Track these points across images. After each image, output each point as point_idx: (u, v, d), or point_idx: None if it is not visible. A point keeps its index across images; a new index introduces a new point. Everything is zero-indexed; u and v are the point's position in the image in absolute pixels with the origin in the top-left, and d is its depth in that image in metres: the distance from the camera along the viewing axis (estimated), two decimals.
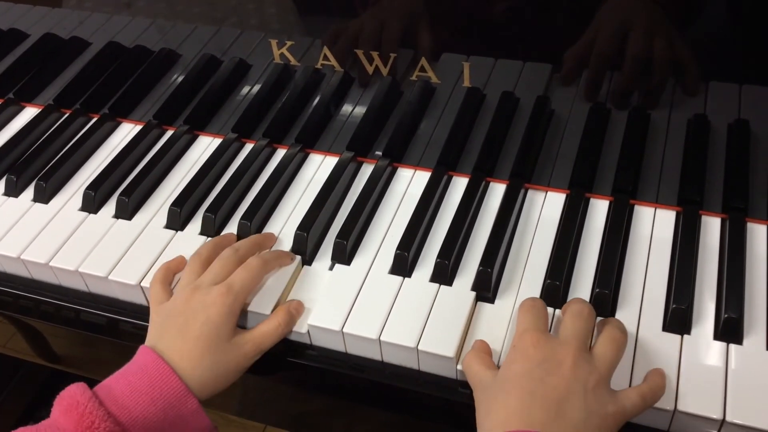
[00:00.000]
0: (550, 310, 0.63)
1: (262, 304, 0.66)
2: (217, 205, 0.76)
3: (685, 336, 0.61)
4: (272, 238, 0.73)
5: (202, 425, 0.61)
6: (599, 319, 0.62)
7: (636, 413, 0.55)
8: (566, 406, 0.52)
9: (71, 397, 0.57)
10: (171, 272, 0.69)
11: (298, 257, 0.70)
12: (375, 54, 0.76)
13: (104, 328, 0.74)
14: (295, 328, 0.65)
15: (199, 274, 0.67)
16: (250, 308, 0.66)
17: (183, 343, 0.62)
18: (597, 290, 0.64)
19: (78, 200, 0.80)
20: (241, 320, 0.67)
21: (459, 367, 0.61)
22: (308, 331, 0.66)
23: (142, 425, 0.57)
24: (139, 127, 0.89)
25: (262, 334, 0.64)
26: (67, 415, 0.56)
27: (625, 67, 0.69)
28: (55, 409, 0.57)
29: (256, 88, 0.87)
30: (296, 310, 0.66)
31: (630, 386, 0.58)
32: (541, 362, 0.55)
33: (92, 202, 0.79)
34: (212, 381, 0.61)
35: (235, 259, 0.68)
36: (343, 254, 0.70)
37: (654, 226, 0.70)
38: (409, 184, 0.78)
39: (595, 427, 0.52)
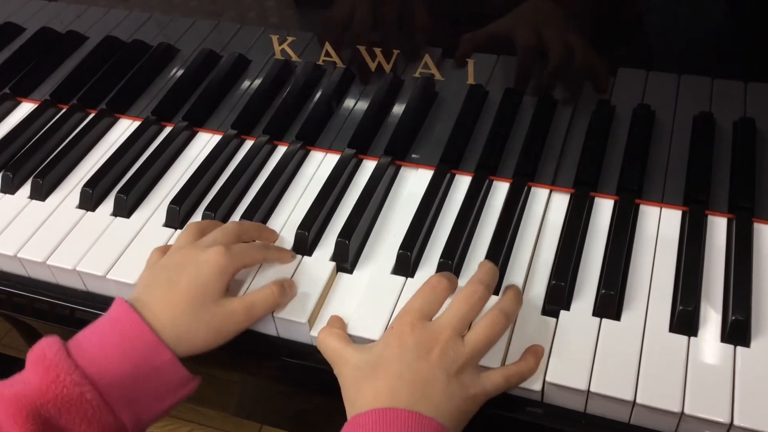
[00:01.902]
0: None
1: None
2: (217, 203, 0.75)
3: (692, 338, 0.60)
4: (274, 233, 0.72)
5: (179, 376, 0.60)
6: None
7: (499, 392, 0.58)
8: (429, 390, 0.55)
9: (39, 350, 0.56)
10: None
11: (299, 256, 0.69)
12: (377, 50, 0.75)
13: None
14: (295, 318, 0.65)
15: (194, 237, 0.66)
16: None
17: (167, 295, 0.61)
18: (603, 291, 0.63)
19: (75, 197, 0.79)
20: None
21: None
22: (309, 330, 0.65)
23: (111, 377, 0.56)
24: (137, 123, 0.88)
25: (254, 297, 0.63)
26: (35, 368, 0.56)
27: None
28: (26, 364, 0.57)
29: (256, 83, 0.86)
30: (289, 287, 0.65)
31: (634, 385, 0.57)
32: (413, 348, 0.57)
33: (90, 200, 0.78)
34: (190, 337, 0.60)
35: (236, 230, 0.67)
36: (345, 254, 0.69)
37: (660, 226, 0.70)
38: (411, 182, 0.77)
39: (455, 407, 0.56)
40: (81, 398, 0.55)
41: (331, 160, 0.80)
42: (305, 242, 0.70)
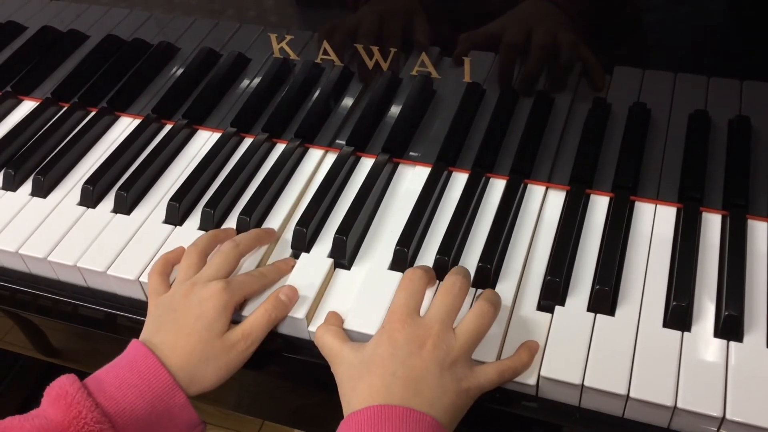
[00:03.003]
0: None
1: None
2: (216, 199, 0.76)
3: (686, 333, 0.61)
4: (273, 233, 0.73)
5: (190, 420, 0.61)
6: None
7: (493, 387, 0.59)
8: (423, 385, 0.56)
9: (60, 387, 0.57)
10: (169, 264, 0.69)
11: (294, 260, 0.70)
12: (375, 48, 0.76)
13: (102, 323, 0.74)
14: (294, 314, 0.65)
15: (196, 267, 0.67)
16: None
17: (176, 338, 0.62)
18: (597, 287, 0.63)
19: (76, 195, 0.80)
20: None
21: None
22: (309, 329, 0.65)
23: (129, 416, 0.57)
24: (137, 121, 0.89)
25: (250, 323, 0.64)
26: (56, 405, 0.56)
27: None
28: (45, 400, 0.58)
29: (256, 82, 0.86)
30: (287, 296, 0.66)
31: (628, 380, 0.58)
32: (404, 345, 0.58)
33: (90, 197, 0.78)
34: (202, 377, 0.62)
35: (236, 253, 0.68)
36: (343, 250, 0.70)
37: (654, 223, 0.70)
38: (409, 179, 0.78)
39: (449, 402, 0.57)
40: None
41: (330, 157, 0.81)
42: (303, 239, 0.71)
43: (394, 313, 0.61)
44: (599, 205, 0.72)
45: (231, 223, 0.75)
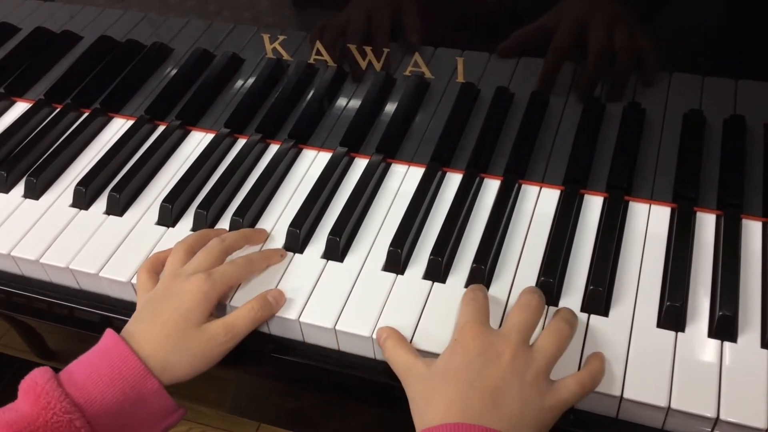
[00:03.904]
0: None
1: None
2: (209, 201, 0.75)
3: (680, 333, 0.60)
4: (263, 234, 0.73)
5: (165, 406, 0.60)
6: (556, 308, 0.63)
7: (576, 401, 0.56)
8: (503, 397, 0.53)
9: (31, 380, 0.57)
10: (160, 262, 0.69)
11: (290, 253, 0.70)
12: (368, 49, 0.76)
13: (97, 326, 0.73)
14: (286, 314, 0.65)
15: (182, 263, 0.67)
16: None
17: (151, 326, 0.62)
18: (591, 287, 0.63)
19: (69, 196, 0.79)
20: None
21: None
22: (302, 329, 0.65)
23: (100, 405, 0.57)
24: (130, 122, 0.88)
25: (234, 317, 0.63)
26: (26, 396, 0.57)
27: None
28: (19, 393, 0.58)
29: (249, 82, 0.86)
30: (274, 298, 0.65)
31: (621, 381, 0.57)
32: (480, 354, 0.55)
33: (83, 198, 0.78)
34: (176, 364, 0.61)
35: (220, 249, 0.68)
36: (336, 251, 0.69)
37: (649, 223, 0.70)
38: (402, 180, 0.77)
39: (531, 417, 0.53)
40: (71, 425, 0.55)
41: (323, 158, 0.81)
42: (297, 240, 0.71)
43: (465, 325, 0.58)
44: (593, 205, 0.72)
45: (224, 224, 0.75)
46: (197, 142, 0.85)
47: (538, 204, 0.73)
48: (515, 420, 0.53)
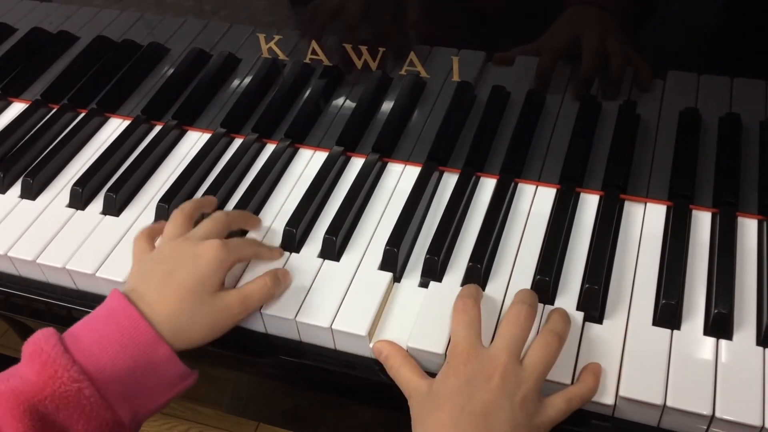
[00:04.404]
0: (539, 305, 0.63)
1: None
2: None
3: (675, 331, 0.61)
4: (258, 221, 0.73)
5: (177, 371, 0.59)
6: (552, 307, 0.63)
7: (563, 417, 0.57)
8: (493, 420, 0.54)
9: (35, 344, 0.55)
10: (157, 231, 0.69)
11: (286, 253, 0.70)
12: (364, 48, 0.76)
13: None
14: (283, 314, 0.65)
15: (183, 228, 0.66)
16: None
17: (164, 288, 0.60)
18: (587, 285, 0.63)
19: (65, 196, 0.79)
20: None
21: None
22: (298, 328, 0.65)
23: (110, 373, 0.56)
24: (127, 122, 0.88)
25: (249, 289, 0.63)
26: (31, 363, 0.55)
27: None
28: (23, 356, 0.56)
29: (245, 82, 0.86)
30: (283, 276, 0.65)
31: (617, 379, 0.58)
32: (471, 379, 0.56)
33: (80, 199, 0.78)
34: (188, 330, 0.60)
35: (226, 220, 0.67)
36: (333, 250, 0.70)
37: (644, 221, 0.70)
38: (399, 179, 0.78)
39: None
40: (79, 394, 0.54)
41: (320, 157, 0.81)
42: (293, 239, 0.71)
43: (455, 347, 0.58)
44: (589, 204, 0.72)
45: None
46: (194, 141, 0.85)
47: (534, 203, 0.73)
48: None
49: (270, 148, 0.83)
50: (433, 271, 0.67)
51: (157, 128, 0.87)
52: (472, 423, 0.53)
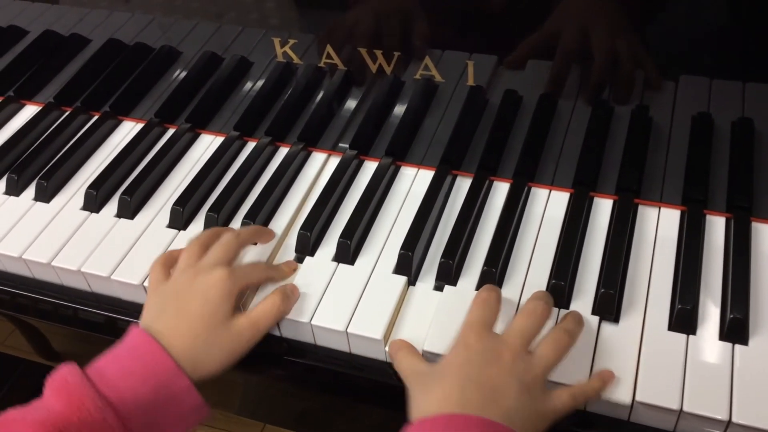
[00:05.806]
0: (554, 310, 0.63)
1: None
2: (220, 204, 0.76)
3: (691, 336, 0.61)
4: (271, 233, 0.73)
5: (195, 403, 0.61)
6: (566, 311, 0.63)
7: (566, 411, 0.57)
8: (500, 395, 0.54)
9: (61, 378, 0.57)
10: (173, 258, 0.69)
11: (299, 265, 0.70)
12: (378, 52, 0.76)
13: (102, 326, 0.74)
14: (298, 317, 0.65)
15: (197, 257, 0.67)
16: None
17: (179, 322, 0.62)
18: (602, 290, 0.63)
19: (80, 199, 0.80)
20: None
21: None
22: (313, 332, 0.65)
23: (132, 404, 0.57)
24: (140, 126, 0.89)
25: (258, 313, 0.64)
26: (58, 396, 0.56)
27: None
28: (46, 391, 0.57)
29: (258, 85, 0.86)
30: (291, 292, 0.66)
31: (633, 383, 0.58)
32: (481, 352, 0.57)
33: (94, 201, 0.78)
34: (205, 362, 0.61)
35: (236, 243, 0.68)
36: (347, 254, 0.70)
37: (658, 226, 0.70)
38: (412, 182, 0.78)
39: (526, 419, 0.54)
40: (104, 424, 0.55)
41: (333, 161, 0.81)
42: (307, 243, 0.71)
43: (469, 326, 0.59)
44: (603, 208, 0.72)
45: (235, 226, 0.75)
46: (207, 145, 0.86)
47: (548, 207, 0.73)
48: (512, 418, 0.53)
49: (283, 152, 0.83)
50: (448, 275, 0.67)
51: (171, 131, 0.87)
52: (480, 392, 0.54)
